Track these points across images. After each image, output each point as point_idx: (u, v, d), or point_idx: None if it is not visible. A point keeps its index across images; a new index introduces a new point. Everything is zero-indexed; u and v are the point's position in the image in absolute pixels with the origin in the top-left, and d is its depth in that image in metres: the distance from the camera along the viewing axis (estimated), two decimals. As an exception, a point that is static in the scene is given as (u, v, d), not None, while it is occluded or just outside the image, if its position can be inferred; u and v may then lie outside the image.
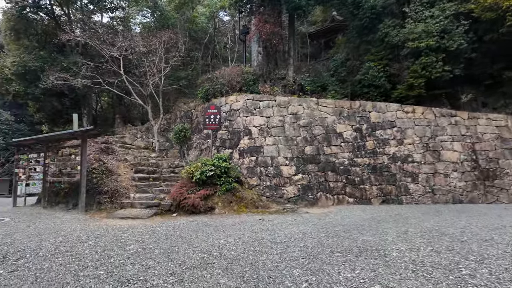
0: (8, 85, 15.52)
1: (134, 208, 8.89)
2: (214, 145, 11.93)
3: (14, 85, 15.23)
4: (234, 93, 12.99)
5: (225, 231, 6.39)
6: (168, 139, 14.29)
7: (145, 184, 10.25)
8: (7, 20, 15.50)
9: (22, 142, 11.40)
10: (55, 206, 10.16)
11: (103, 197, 9.27)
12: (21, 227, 6.94)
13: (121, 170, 10.89)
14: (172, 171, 11.74)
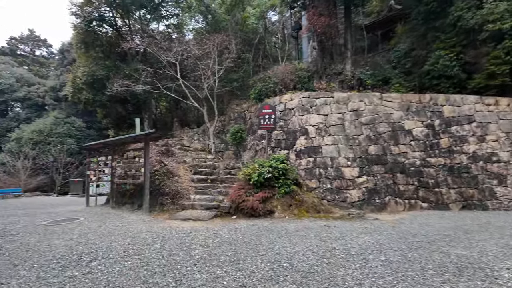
0: (79, 94, 17.12)
1: (195, 209, 8.92)
2: (269, 146, 11.60)
3: (85, 94, 16.73)
4: (288, 91, 12.54)
5: (290, 238, 5.97)
6: (223, 141, 14.36)
7: (204, 186, 10.29)
8: (77, 34, 17.11)
9: (92, 146, 12.30)
10: (122, 206, 10.71)
11: (165, 199, 9.48)
12: (93, 227, 7.31)
13: (181, 172, 11.11)
14: (228, 172, 11.68)
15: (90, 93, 16.44)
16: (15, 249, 5.34)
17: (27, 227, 7.52)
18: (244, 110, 14.60)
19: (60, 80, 37.54)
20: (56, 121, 32.98)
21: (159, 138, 9.46)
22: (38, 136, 30.88)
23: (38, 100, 38.74)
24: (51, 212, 10.88)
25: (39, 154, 28.83)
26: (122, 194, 10.96)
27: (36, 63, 48.98)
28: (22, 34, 50.86)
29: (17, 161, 27.39)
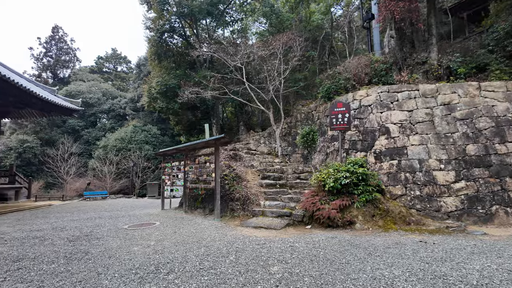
0: (154, 102, 18.37)
1: (266, 217, 8.47)
2: (342, 148, 10.60)
3: (159, 102, 17.88)
4: (362, 87, 11.37)
5: (381, 257, 5.04)
6: (289, 144, 13.76)
7: (273, 191, 9.80)
8: (151, 46, 18.44)
9: (166, 152, 12.82)
10: (194, 211, 10.83)
11: (235, 204, 9.24)
12: (168, 233, 7.33)
13: (249, 176, 10.82)
14: (297, 177, 11.01)
15: (164, 101, 17.51)
16: (99, 254, 5.48)
17: (110, 230, 7.92)
18: (311, 111, 13.79)
19: (138, 92, 41.37)
20: (135, 129, 36.27)
21: (228, 142, 9.31)
22: (120, 144, 34.29)
23: (120, 111, 43.26)
24: (131, 215, 11.55)
25: (121, 159, 31.89)
26: (194, 199, 11.10)
27: (118, 78, 55.05)
28: (107, 53, 57.75)
29: (104, 166, 30.71)
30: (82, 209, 14.76)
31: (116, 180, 31.26)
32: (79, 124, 41.31)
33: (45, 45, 51.03)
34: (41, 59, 50.66)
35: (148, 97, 18.53)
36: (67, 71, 52.34)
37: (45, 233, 7.70)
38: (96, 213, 12.67)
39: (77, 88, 41.58)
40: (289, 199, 9.14)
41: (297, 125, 13.84)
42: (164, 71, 18.09)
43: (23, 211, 14.13)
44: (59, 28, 52.04)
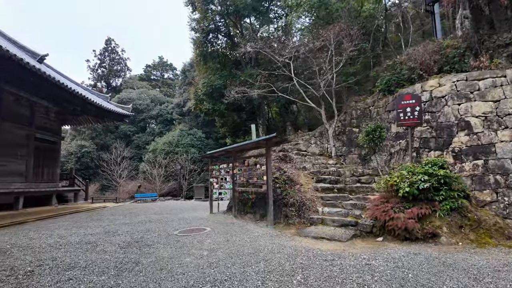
0: (201, 104, 18.31)
1: (326, 225, 7.52)
2: (411, 147, 9.25)
3: (205, 104, 17.78)
4: (431, 76, 9.91)
5: (496, 285, 3.87)
6: (344, 143, 12.61)
7: (332, 197, 8.80)
8: (196, 48, 18.45)
9: (213, 154, 12.43)
10: (244, 216, 10.21)
11: (290, 210, 8.41)
12: (221, 241, 6.74)
13: (302, 179, 9.94)
14: (357, 180, 9.87)
15: (210, 103, 17.36)
16: (150, 265, 5.01)
17: (161, 236, 7.56)
18: (368, 106, 12.50)
19: (183, 97, 42.57)
20: (181, 133, 37.23)
21: (280, 142, 8.54)
22: (168, 147, 35.37)
23: (167, 116, 44.86)
24: (180, 218, 11.28)
25: (169, 162, 32.78)
26: (243, 203, 10.50)
27: (164, 85, 57.43)
28: (154, 62, 60.64)
29: (153, 169, 31.78)
30: (133, 212, 14.99)
31: (164, 182, 32.20)
32: (130, 129, 43.55)
33: (99, 57, 54.94)
34: (96, 70, 54.60)
35: (195, 99, 18.56)
36: (119, 80, 55.79)
37: (97, 237, 7.56)
38: (146, 216, 12.68)
39: (128, 95, 43.94)
40: (351, 206, 8.08)
41: (352, 122, 12.63)
42: (209, 72, 18.00)
43: (80, 213, 14.71)
44: (111, 40, 55.72)
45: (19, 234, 8.28)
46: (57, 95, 16.06)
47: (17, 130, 15.47)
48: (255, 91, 13.67)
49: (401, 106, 8.87)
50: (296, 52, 12.61)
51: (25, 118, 16.22)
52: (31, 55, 16.29)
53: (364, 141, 8.80)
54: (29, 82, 14.00)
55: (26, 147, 16.15)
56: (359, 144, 10.97)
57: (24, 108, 16.24)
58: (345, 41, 12.43)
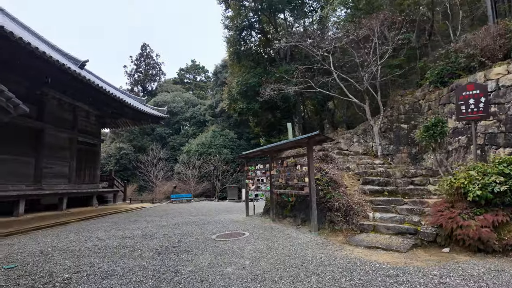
0: (235, 104, 17.94)
1: (379, 233, 6.69)
2: (475, 143, 8.09)
3: (239, 103, 17.38)
4: (495, 63, 8.65)
5: None
6: (391, 141, 11.54)
7: (383, 200, 7.92)
8: (230, 46, 18.12)
9: (248, 155, 11.95)
10: (283, 220, 9.60)
11: (335, 215, 7.66)
12: (262, 249, 6.19)
13: (346, 181, 9.13)
14: (409, 182, 8.86)
15: (244, 102, 16.94)
16: (189, 276, 4.58)
17: (198, 241, 7.18)
18: (418, 100, 11.33)
19: (215, 98, 42.86)
20: (214, 134, 37.44)
21: (323, 140, 7.83)
22: (201, 148, 35.70)
23: (200, 118, 45.45)
24: (217, 221, 10.94)
25: (203, 163, 33.02)
26: (282, 206, 9.90)
27: (197, 88, 58.41)
28: (187, 65, 61.97)
29: (187, 170, 32.18)
30: (170, 213, 14.97)
31: (198, 183, 32.46)
32: (165, 131, 44.68)
33: (135, 62, 57.14)
34: (133, 75, 56.83)
35: (229, 99, 18.26)
36: (154, 84, 57.65)
37: (135, 241, 7.35)
38: (182, 217, 12.51)
39: (162, 99, 45.12)
40: (407, 211, 7.15)
41: (400, 118, 11.51)
42: (243, 71, 17.62)
43: (118, 213, 14.95)
44: (147, 46, 57.72)
45: (61, 236, 8.33)
46: (97, 99, 16.56)
47: (61, 133, 16.12)
48: (292, 88, 12.97)
49: (462, 98, 7.77)
50: (336, 44, 11.75)
51: (68, 122, 16.89)
52: (73, 61, 16.95)
53: (423, 137, 7.73)
54: (72, 87, 14.51)
55: (69, 150, 16.80)
56: (414, 141, 9.86)
57: (67, 112, 16.91)
58: (391, 30, 11.36)
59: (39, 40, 15.79)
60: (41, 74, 12.72)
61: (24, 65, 11.24)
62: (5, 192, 11.96)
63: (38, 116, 14.71)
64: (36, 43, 11.41)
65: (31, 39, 11.07)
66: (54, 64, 11.35)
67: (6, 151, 12.73)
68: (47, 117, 15.20)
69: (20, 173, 13.43)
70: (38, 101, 14.59)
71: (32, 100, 14.24)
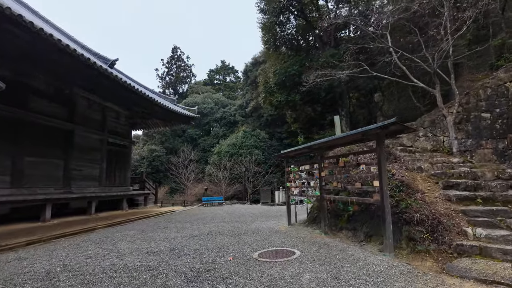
0: (271, 96, 16.25)
1: (491, 259, 4.74)
2: None
3: (277, 96, 15.66)
4: None
5: None
6: (469, 134, 9.33)
7: (481, 211, 5.90)
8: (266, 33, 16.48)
9: (289, 153, 10.27)
10: (338, 233, 7.82)
11: (416, 230, 5.78)
12: (326, 279, 4.51)
13: (421, 185, 7.17)
14: (509, 186, 6.72)
15: (283, 93, 15.19)
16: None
17: (238, 262, 5.64)
18: (503, 83, 9.03)
19: (246, 98, 41.68)
20: (244, 135, 36.23)
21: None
22: (232, 149, 34.62)
23: (230, 118, 44.51)
24: (254, 230, 9.40)
25: (234, 165, 31.87)
26: (335, 215, 8.14)
27: (227, 88, 57.74)
28: (217, 66, 61.62)
29: (218, 171, 31.14)
30: (201, 218, 13.72)
31: (230, 185, 31.31)
32: (196, 133, 44.23)
33: (167, 65, 57.68)
34: (164, 78, 57.39)
35: (265, 91, 16.57)
36: (185, 86, 57.82)
37: (160, 259, 5.97)
38: (215, 224, 11.14)
39: (193, 100, 44.72)
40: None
41: (479, 106, 9.24)
42: (281, 59, 15.91)
43: (148, 218, 13.94)
44: (177, 48, 58.10)
45: (80, 248, 7.21)
46: (127, 98, 15.76)
47: (90, 134, 15.49)
48: (343, 72, 11.04)
49: None
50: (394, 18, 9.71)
51: (97, 123, 16.27)
52: (102, 60, 16.30)
53: None
54: (101, 86, 13.77)
55: (100, 152, 16.15)
56: (502, 133, 7.70)
57: (97, 112, 16.30)
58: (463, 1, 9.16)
59: (68, 39, 15.30)
60: (69, 71, 12.04)
61: (52, 61, 10.52)
62: (33, 196, 11.32)
63: (68, 117, 14.14)
64: (65, 41, 10.66)
65: (61, 37, 10.34)
66: (79, 58, 10.47)
67: (36, 153, 12.17)
68: (77, 117, 14.60)
69: (49, 176, 12.83)
70: (67, 100, 14.03)
71: (61, 100, 13.69)
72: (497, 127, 8.79)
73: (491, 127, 8.90)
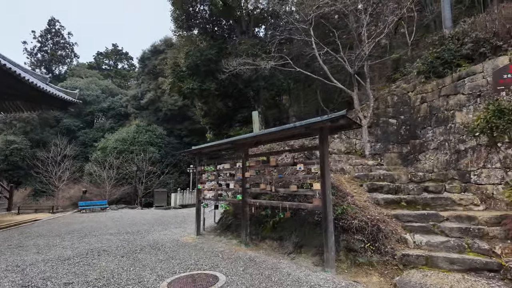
0: (181, 83, 13.84)
1: (439, 269, 4.35)
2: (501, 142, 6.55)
3: (189, 82, 13.39)
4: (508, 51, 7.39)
5: None
6: (378, 138, 9.72)
7: (413, 216, 5.69)
8: (176, 7, 13.90)
9: (202, 150, 8.63)
10: (260, 243, 6.69)
11: (356, 239, 5.12)
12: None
13: (348, 187, 6.74)
14: (423, 188, 6.95)
15: (196, 80, 13.07)
16: None
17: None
18: (406, 92, 9.76)
19: (141, 88, 37.28)
20: (138, 129, 32.24)
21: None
22: (121, 145, 30.26)
23: (121, 110, 39.12)
24: (154, 244, 7.42)
25: (123, 163, 27.80)
26: (257, 222, 7.00)
27: (118, 76, 50.94)
28: (107, 49, 53.74)
29: (102, 171, 26.49)
30: (77, 229, 10.62)
31: (116, 186, 26.96)
32: (75, 123, 37.13)
33: (40, 39, 47.00)
34: (35, 54, 46.60)
35: (173, 76, 14.07)
36: (63, 67, 48.29)
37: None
38: (97, 238, 8.52)
39: (73, 84, 37.31)
40: (460, 232, 5.01)
41: (387, 112, 9.77)
42: (195, 42, 13.78)
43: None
44: (56, 21, 48.10)
45: None
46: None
47: None
48: (269, 63, 10.04)
49: (502, 82, 6.12)
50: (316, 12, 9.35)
51: None
52: None
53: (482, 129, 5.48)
54: None
55: None
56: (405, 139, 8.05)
57: None
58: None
59: None
60: None
61: None
62: None
63: None
64: None
65: None
66: None
67: None
68: None
69: None
70: None
71: None
72: (402, 133, 9.40)
73: (396, 132, 9.47)
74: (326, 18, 10.06)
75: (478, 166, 6.95)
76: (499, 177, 6.42)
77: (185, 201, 23.51)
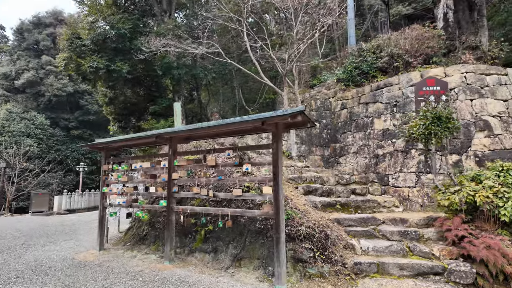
0: (83, 59, 10.84)
1: (392, 277, 4.25)
2: (414, 148, 7.27)
3: (93, 59, 10.59)
4: (419, 67, 8.35)
5: None
6: (303, 141, 9.75)
7: (353, 219, 5.60)
8: None
9: (110, 144, 6.95)
10: (188, 257, 5.64)
11: (304, 248, 4.68)
12: None
13: (286, 190, 6.35)
14: (350, 191, 7.12)
15: (103, 57, 10.40)
16: None
17: None
18: (329, 97, 10.13)
19: (17, 66, 30.05)
20: (9, 116, 25.82)
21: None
22: (-16, 135, 23.69)
23: (-16, 91, 30.69)
24: (39, 268, 5.48)
25: (-14, 157, 21.75)
26: (184, 232, 5.92)
27: (-19, 48, 39.93)
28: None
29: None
30: None
31: (-25, 187, 20.76)
32: None
33: None
34: None
35: (70, 50, 10.96)
36: None
37: None
38: None
39: None
40: (400, 235, 5.07)
41: (310, 115, 9.93)
42: (105, 11, 11.08)
43: None
44: None
45: None
46: None
47: None
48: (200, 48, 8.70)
49: (422, 93, 6.75)
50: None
51: None
52: None
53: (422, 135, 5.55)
54: None
55: None
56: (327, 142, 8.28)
57: None
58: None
59: None
60: None
61: None
62: None
63: None
64: None
65: None
66: None
67: None
68: None
69: None
70: None
71: None
72: (324, 136, 9.69)
73: (319, 135, 9.70)
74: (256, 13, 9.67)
75: (395, 170, 7.54)
76: (414, 180, 7.08)
77: (74, 205, 20.13)
